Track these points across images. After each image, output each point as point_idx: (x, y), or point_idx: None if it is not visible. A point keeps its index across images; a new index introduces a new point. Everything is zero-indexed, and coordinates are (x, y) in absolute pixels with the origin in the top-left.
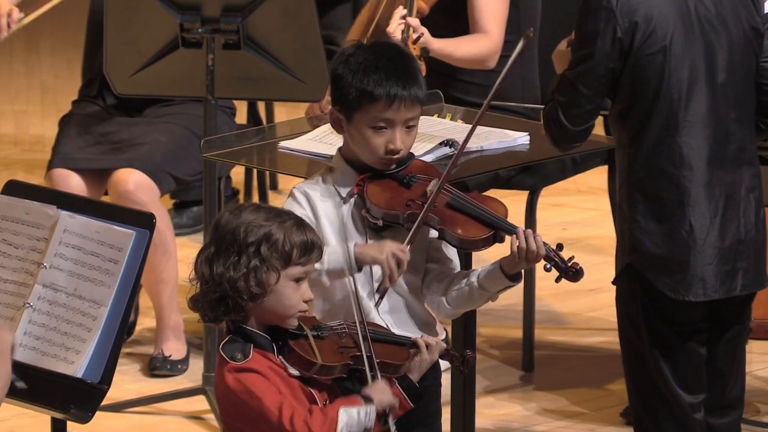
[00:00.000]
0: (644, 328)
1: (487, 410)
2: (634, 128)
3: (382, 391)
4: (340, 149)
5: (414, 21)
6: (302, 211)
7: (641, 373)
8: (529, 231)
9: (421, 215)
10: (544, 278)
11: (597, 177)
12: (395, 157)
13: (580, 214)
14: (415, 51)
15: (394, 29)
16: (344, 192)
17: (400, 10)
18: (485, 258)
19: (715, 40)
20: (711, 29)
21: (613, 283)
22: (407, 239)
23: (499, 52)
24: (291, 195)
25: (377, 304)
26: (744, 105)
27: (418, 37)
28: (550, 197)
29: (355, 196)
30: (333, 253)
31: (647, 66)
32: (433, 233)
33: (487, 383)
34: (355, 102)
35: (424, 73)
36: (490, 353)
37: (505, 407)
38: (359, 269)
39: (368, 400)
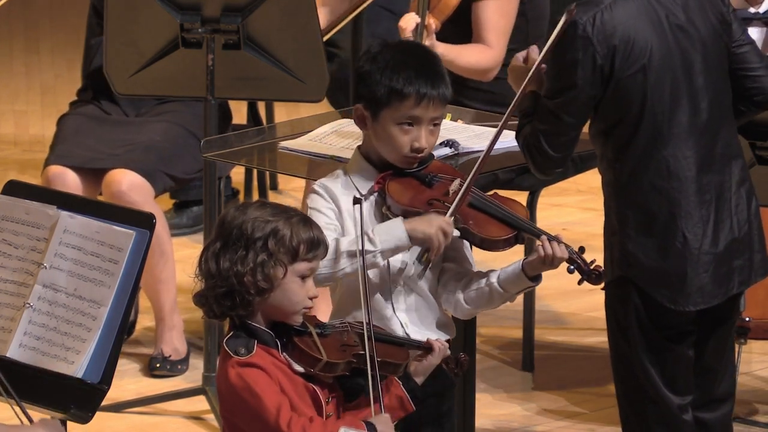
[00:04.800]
0: (632, 333)
1: (487, 410)
2: (618, 144)
3: (386, 424)
4: (359, 147)
5: (430, 25)
6: (327, 204)
7: (629, 376)
8: (551, 235)
9: (465, 184)
10: (545, 278)
11: (597, 177)
12: (419, 155)
13: (580, 214)
14: None
15: (408, 25)
16: (364, 189)
17: (414, 16)
18: (483, 257)
19: (689, 46)
20: (684, 36)
21: (603, 288)
22: (450, 211)
23: (500, 65)
24: (312, 191)
25: (420, 275)
26: (724, 101)
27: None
28: (550, 197)
29: (376, 193)
30: (383, 233)
31: (629, 86)
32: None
33: (487, 383)
34: (383, 99)
35: None
36: (490, 353)
37: (505, 407)
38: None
39: (372, 427)
